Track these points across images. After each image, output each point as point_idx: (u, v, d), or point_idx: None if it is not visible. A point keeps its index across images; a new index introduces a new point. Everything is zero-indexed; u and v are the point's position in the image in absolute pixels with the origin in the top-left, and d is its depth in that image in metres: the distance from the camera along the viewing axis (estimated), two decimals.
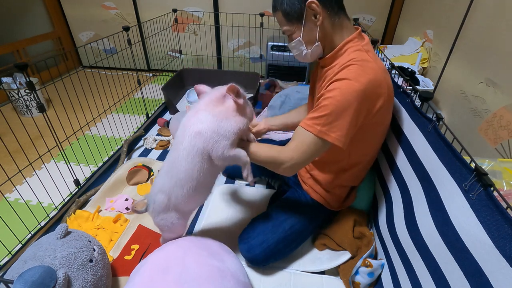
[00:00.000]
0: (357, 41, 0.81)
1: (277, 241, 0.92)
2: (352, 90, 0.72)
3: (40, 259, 0.72)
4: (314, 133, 0.75)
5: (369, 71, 0.74)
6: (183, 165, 0.75)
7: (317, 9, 0.77)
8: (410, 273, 0.74)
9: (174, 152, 0.78)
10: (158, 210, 0.82)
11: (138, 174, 1.33)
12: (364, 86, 0.72)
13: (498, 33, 1.14)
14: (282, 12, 0.81)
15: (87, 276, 0.74)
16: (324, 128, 0.74)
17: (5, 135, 1.11)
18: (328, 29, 0.81)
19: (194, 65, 2.61)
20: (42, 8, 2.40)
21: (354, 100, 0.72)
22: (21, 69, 0.92)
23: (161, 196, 0.81)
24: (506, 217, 0.47)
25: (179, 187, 0.78)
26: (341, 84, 0.73)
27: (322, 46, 0.85)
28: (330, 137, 0.74)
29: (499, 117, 1.08)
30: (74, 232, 0.82)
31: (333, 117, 0.73)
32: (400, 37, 2.17)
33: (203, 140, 0.74)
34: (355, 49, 0.79)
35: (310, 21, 0.80)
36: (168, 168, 0.80)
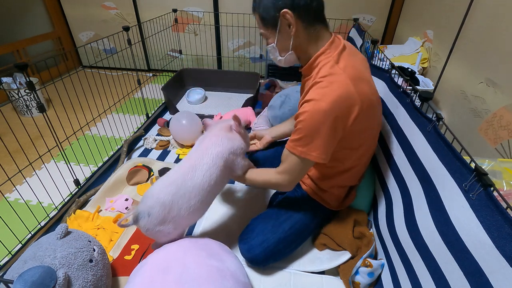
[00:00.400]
0: (328, 52, 0.80)
1: (277, 241, 0.92)
2: (319, 111, 0.73)
3: (40, 259, 0.72)
4: (297, 154, 0.80)
5: (335, 87, 0.74)
6: (199, 177, 0.83)
7: (291, 19, 0.77)
8: (410, 273, 0.74)
9: (185, 166, 0.85)
10: (154, 223, 0.80)
11: (138, 174, 1.33)
12: (330, 104, 0.73)
13: (498, 33, 1.14)
14: (259, 15, 0.82)
15: (87, 276, 0.74)
16: (304, 149, 0.78)
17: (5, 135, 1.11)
18: (303, 39, 0.82)
19: (194, 65, 2.61)
20: (42, 8, 2.40)
21: (324, 119, 0.74)
22: (21, 69, 0.92)
23: (159, 209, 0.79)
24: (506, 217, 0.47)
25: (187, 199, 0.82)
26: (309, 106, 0.75)
27: (297, 55, 0.86)
28: (312, 156, 0.78)
29: (499, 117, 1.08)
30: (74, 232, 0.82)
31: (309, 138, 0.76)
32: (400, 37, 2.17)
33: (223, 157, 0.87)
34: (325, 63, 0.79)
35: (284, 29, 0.81)
36: (175, 181, 0.82)
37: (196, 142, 0.93)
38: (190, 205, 0.82)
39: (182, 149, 1.57)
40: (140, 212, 0.81)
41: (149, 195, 0.82)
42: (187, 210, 0.82)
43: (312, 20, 0.80)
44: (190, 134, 1.52)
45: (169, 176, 0.85)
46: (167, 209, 0.80)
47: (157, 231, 0.81)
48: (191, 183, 0.82)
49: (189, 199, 0.82)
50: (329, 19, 2.42)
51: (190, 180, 0.83)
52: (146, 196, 0.82)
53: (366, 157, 0.95)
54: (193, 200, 0.82)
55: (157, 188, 0.82)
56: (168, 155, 1.54)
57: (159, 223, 0.80)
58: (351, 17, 2.22)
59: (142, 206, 0.81)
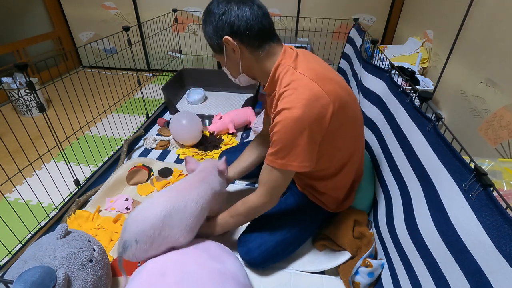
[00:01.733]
0: (284, 62, 0.79)
1: (275, 244, 0.92)
2: (292, 119, 0.71)
3: (40, 259, 0.72)
4: (277, 168, 0.78)
5: (301, 91, 0.72)
6: (192, 201, 0.86)
7: (233, 46, 0.78)
8: (410, 273, 0.74)
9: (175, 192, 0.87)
10: (144, 248, 0.77)
11: (138, 174, 1.33)
12: (302, 109, 0.71)
13: (498, 33, 1.14)
14: (208, 42, 0.84)
15: (87, 276, 0.74)
16: (283, 160, 0.76)
17: (5, 135, 1.12)
18: (252, 61, 0.82)
19: (194, 65, 2.61)
20: (42, 8, 2.40)
21: (298, 127, 0.72)
22: (21, 69, 0.92)
23: (149, 231, 0.77)
24: (506, 217, 0.47)
25: (179, 220, 0.81)
26: (281, 117, 0.73)
27: (251, 76, 0.86)
28: (293, 166, 0.76)
29: (499, 117, 1.08)
30: (74, 232, 0.82)
31: (286, 149, 0.74)
32: (400, 37, 2.17)
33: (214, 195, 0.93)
34: (284, 73, 0.78)
35: (230, 54, 0.81)
36: (165, 202, 0.82)
37: (188, 176, 0.97)
38: (182, 226, 0.81)
39: (182, 149, 1.57)
40: (126, 241, 0.77)
41: (134, 220, 0.79)
42: (179, 231, 0.81)
43: (257, 43, 0.79)
44: (190, 134, 1.52)
45: (156, 199, 0.84)
46: (158, 229, 0.77)
47: (148, 256, 0.79)
48: (183, 206, 0.83)
49: (181, 220, 0.81)
50: (329, 19, 2.43)
51: (183, 204, 0.84)
52: (131, 222, 0.79)
53: (355, 155, 0.92)
54: (184, 222, 0.82)
55: (143, 211, 0.80)
56: (168, 155, 1.54)
57: (149, 246, 0.77)
58: (351, 17, 2.22)
59: (127, 234, 0.77)
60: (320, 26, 2.23)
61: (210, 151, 1.55)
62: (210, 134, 1.68)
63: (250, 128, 1.76)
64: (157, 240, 0.78)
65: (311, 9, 2.24)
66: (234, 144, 1.60)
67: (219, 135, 1.68)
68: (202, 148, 1.57)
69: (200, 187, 0.90)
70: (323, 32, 2.26)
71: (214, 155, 1.51)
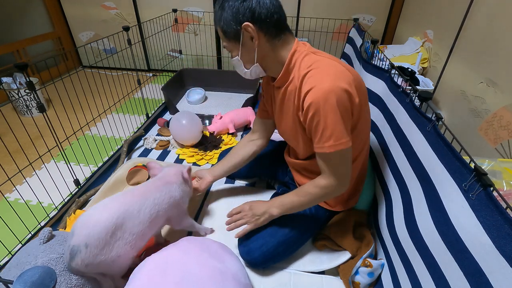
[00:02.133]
0: (300, 49, 0.81)
1: (277, 245, 0.92)
2: (323, 93, 0.71)
3: (22, 266, 0.70)
4: (332, 151, 0.75)
5: (325, 68, 0.74)
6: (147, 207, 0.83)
7: (253, 32, 0.77)
8: (410, 273, 0.74)
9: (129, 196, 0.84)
10: (94, 253, 0.72)
11: (138, 174, 1.33)
12: (332, 82, 0.71)
13: (498, 33, 1.14)
14: (221, 28, 0.81)
15: (71, 281, 0.72)
16: (330, 142, 0.74)
17: (5, 135, 1.12)
18: (268, 51, 0.81)
19: (194, 65, 2.61)
20: (42, 8, 2.40)
21: (331, 98, 0.71)
22: (21, 69, 0.92)
23: (100, 234, 0.73)
24: (506, 217, 0.47)
25: (131, 225, 0.79)
26: (312, 96, 0.72)
27: (263, 67, 0.85)
28: (343, 144, 0.75)
29: (499, 117, 1.08)
30: (59, 236, 0.79)
31: (330, 128, 0.73)
32: (400, 37, 2.17)
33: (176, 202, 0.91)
34: (302, 57, 0.79)
35: (247, 42, 0.80)
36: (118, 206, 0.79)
37: (150, 180, 0.94)
38: (134, 231, 0.79)
39: (182, 149, 1.57)
40: (73, 246, 0.71)
41: (84, 223, 0.74)
42: (130, 235, 0.78)
43: (274, 32, 0.79)
44: (190, 134, 1.52)
45: (109, 202, 0.81)
46: (109, 232, 0.74)
47: (99, 263, 0.74)
48: (137, 211, 0.81)
49: (134, 225, 0.79)
50: (329, 19, 2.43)
51: (137, 209, 0.81)
52: (80, 225, 0.74)
53: (365, 148, 0.94)
54: (137, 227, 0.79)
55: (95, 214, 0.76)
56: (168, 155, 1.54)
57: (100, 251, 0.73)
58: (351, 17, 2.22)
59: (76, 238, 0.71)
60: (320, 26, 2.23)
61: (210, 151, 1.55)
62: (210, 134, 1.68)
63: (250, 128, 1.76)
64: (108, 244, 0.74)
65: (311, 9, 2.24)
66: (234, 144, 1.60)
67: (219, 135, 1.68)
68: (202, 148, 1.57)
69: (156, 193, 0.86)
70: (323, 32, 2.26)
71: (214, 155, 1.51)
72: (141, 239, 0.81)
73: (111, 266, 0.77)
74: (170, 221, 0.93)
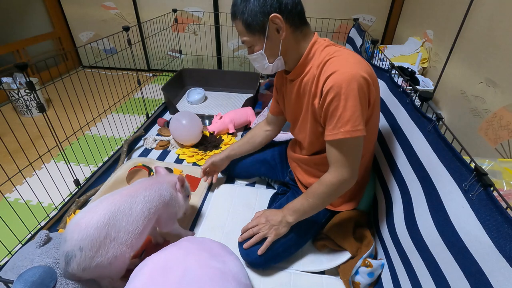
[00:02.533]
0: (320, 41, 0.82)
1: (277, 245, 0.92)
2: (347, 77, 0.71)
3: (18, 269, 0.69)
4: (348, 137, 0.74)
5: (348, 56, 0.75)
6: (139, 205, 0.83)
7: (281, 24, 0.76)
8: (410, 273, 0.74)
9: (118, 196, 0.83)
10: (90, 255, 0.71)
11: (138, 174, 1.33)
12: (354, 69, 0.72)
13: (498, 33, 1.14)
14: (243, 22, 0.78)
15: (67, 286, 0.72)
16: (347, 127, 0.73)
17: (5, 135, 1.11)
18: (291, 43, 0.81)
19: (194, 65, 2.61)
20: (42, 8, 2.40)
21: (353, 84, 0.71)
22: (21, 69, 0.92)
23: (93, 236, 0.72)
24: (506, 217, 0.47)
25: (124, 224, 0.79)
26: (334, 79, 0.72)
27: (285, 60, 0.85)
28: (359, 131, 0.73)
29: (499, 117, 1.08)
30: (56, 239, 0.78)
31: (348, 112, 0.72)
32: (400, 37, 2.17)
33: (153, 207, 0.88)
34: (323, 47, 0.80)
35: (273, 35, 0.79)
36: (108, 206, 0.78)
37: (138, 180, 0.94)
38: (129, 229, 0.78)
39: (182, 149, 1.57)
40: (68, 252, 0.70)
41: (75, 227, 0.73)
42: (126, 233, 0.78)
43: (298, 23, 0.79)
44: (190, 134, 1.52)
45: (99, 204, 0.79)
46: (103, 233, 0.73)
47: (96, 266, 0.73)
48: (129, 208, 0.80)
49: (127, 222, 0.78)
50: (329, 19, 2.42)
51: (128, 207, 0.80)
52: (72, 230, 0.72)
53: (372, 143, 0.94)
54: (131, 225, 0.79)
55: (85, 217, 0.74)
56: (168, 155, 1.54)
57: (95, 253, 0.72)
58: (351, 17, 2.22)
59: (68, 244, 0.70)
60: (320, 26, 2.23)
61: (210, 151, 1.55)
62: (210, 134, 1.68)
63: (250, 128, 1.76)
64: (103, 245, 0.73)
65: (311, 9, 2.24)
66: None
67: (219, 135, 1.68)
68: (202, 148, 1.57)
69: (146, 191, 0.86)
70: (323, 32, 2.26)
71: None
72: (137, 238, 0.81)
73: (108, 268, 0.76)
74: (159, 222, 0.92)
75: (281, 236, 0.91)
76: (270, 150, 1.25)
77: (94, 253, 0.72)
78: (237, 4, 0.78)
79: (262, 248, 0.90)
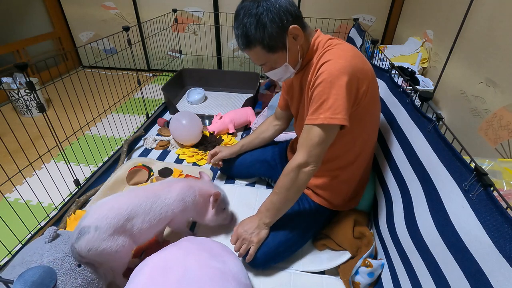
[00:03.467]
0: (322, 35, 0.85)
1: (278, 245, 0.92)
2: (338, 67, 0.74)
3: (27, 264, 0.70)
4: (319, 123, 0.75)
5: (348, 49, 0.78)
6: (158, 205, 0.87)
7: (298, 31, 0.79)
8: (410, 273, 0.74)
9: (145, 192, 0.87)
10: (102, 237, 0.74)
11: (138, 174, 1.33)
12: (348, 61, 0.74)
13: (498, 33, 1.14)
14: (264, 47, 0.78)
15: (76, 280, 0.73)
16: (327, 113, 0.74)
17: (5, 135, 1.11)
18: (305, 43, 0.84)
19: (194, 65, 2.61)
20: (42, 8, 2.40)
21: (343, 74, 0.73)
22: (21, 69, 0.92)
23: (113, 218, 0.76)
24: (506, 217, 0.47)
25: (143, 215, 0.83)
26: (326, 67, 0.75)
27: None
28: (337, 120, 0.74)
29: (499, 117, 1.08)
30: (64, 235, 0.80)
31: (331, 100, 0.73)
32: (400, 37, 2.17)
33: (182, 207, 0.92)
34: (325, 40, 0.83)
35: (291, 44, 0.81)
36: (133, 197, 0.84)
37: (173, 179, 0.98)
38: (141, 227, 0.82)
39: (182, 149, 1.57)
40: (84, 227, 0.74)
41: (99, 207, 0.78)
42: (137, 230, 0.81)
43: (303, 23, 0.83)
44: (190, 134, 1.52)
45: (127, 193, 0.86)
46: (120, 222, 0.77)
47: (102, 250, 0.75)
48: (149, 207, 0.84)
49: (143, 220, 0.82)
50: (329, 19, 2.42)
51: (149, 206, 0.84)
52: (96, 208, 0.78)
53: (370, 144, 0.95)
54: (144, 224, 0.83)
55: (111, 201, 0.80)
56: (168, 155, 1.54)
57: (107, 237, 0.75)
58: (351, 17, 2.22)
59: (87, 220, 0.75)
60: (320, 26, 2.23)
61: (210, 151, 1.55)
62: (210, 134, 1.67)
63: (250, 128, 1.76)
64: (117, 232, 0.77)
65: (311, 9, 2.24)
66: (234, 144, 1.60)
67: (219, 135, 1.68)
68: (202, 148, 1.56)
69: (169, 194, 0.88)
70: (323, 32, 2.26)
71: None
72: (144, 236, 0.84)
73: (113, 257, 0.78)
74: (171, 222, 0.94)
75: (263, 239, 0.91)
76: (270, 150, 1.26)
77: (106, 236, 0.75)
78: (250, 34, 0.76)
79: (247, 258, 0.90)
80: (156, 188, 0.89)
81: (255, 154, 1.27)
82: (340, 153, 0.92)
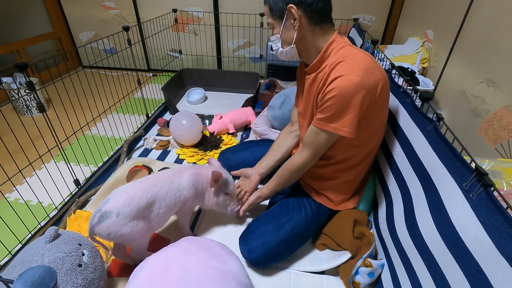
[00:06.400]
0: (338, 40, 0.84)
1: (278, 243, 0.92)
2: (351, 84, 0.74)
3: (28, 264, 0.70)
4: (329, 131, 0.81)
5: (360, 61, 0.77)
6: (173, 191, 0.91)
7: (295, 15, 0.80)
8: (410, 273, 0.74)
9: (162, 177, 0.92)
10: (122, 223, 0.78)
11: (138, 174, 1.33)
12: (360, 77, 0.74)
13: (498, 33, 1.14)
14: (269, 5, 0.86)
15: (77, 280, 0.72)
16: (336, 124, 0.79)
17: (5, 135, 1.11)
18: (307, 35, 0.84)
19: (194, 65, 2.61)
20: (42, 8, 2.40)
21: (355, 92, 0.75)
22: (21, 69, 0.92)
23: (135, 205, 0.80)
24: (506, 217, 0.47)
25: (160, 203, 0.87)
26: (339, 82, 0.75)
27: (299, 51, 0.88)
28: (343, 132, 0.79)
29: (499, 117, 1.08)
30: (64, 235, 0.80)
31: (341, 113, 0.77)
32: (400, 37, 2.17)
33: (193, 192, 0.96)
34: (339, 47, 0.82)
35: (289, 22, 0.84)
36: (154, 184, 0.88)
37: (189, 166, 1.01)
38: (158, 212, 0.86)
39: (182, 149, 1.57)
40: (106, 211, 0.77)
41: (122, 193, 0.81)
42: (155, 216, 0.85)
43: (318, 18, 0.82)
44: (190, 134, 1.52)
45: (145, 181, 0.89)
46: (140, 209, 0.81)
47: (121, 235, 0.79)
48: (165, 192, 0.88)
49: (160, 206, 0.86)
50: None
51: (165, 191, 0.88)
52: (118, 194, 0.81)
53: (376, 148, 0.97)
54: (162, 209, 0.87)
55: (132, 188, 0.84)
56: (168, 155, 1.54)
57: (128, 222, 0.79)
58: (351, 17, 2.22)
59: (110, 204, 0.78)
60: None
61: (210, 151, 1.55)
62: (210, 134, 1.67)
63: (250, 128, 1.76)
64: (137, 219, 0.81)
65: None
66: (234, 144, 1.60)
67: (219, 135, 1.68)
68: (202, 148, 1.56)
69: (182, 179, 0.92)
70: None
71: (214, 155, 1.51)
72: (160, 221, 0.88)
73: (131, 240, 0.83)
74: (180, 210, 0.96)
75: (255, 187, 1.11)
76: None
77: (127, 222, 0.78)
78: None
79: (243, 208, 1.04)
80: (170, 174, 0.92)
81: (256, 152, 1.27)
82: (349, 156, 0.94)
